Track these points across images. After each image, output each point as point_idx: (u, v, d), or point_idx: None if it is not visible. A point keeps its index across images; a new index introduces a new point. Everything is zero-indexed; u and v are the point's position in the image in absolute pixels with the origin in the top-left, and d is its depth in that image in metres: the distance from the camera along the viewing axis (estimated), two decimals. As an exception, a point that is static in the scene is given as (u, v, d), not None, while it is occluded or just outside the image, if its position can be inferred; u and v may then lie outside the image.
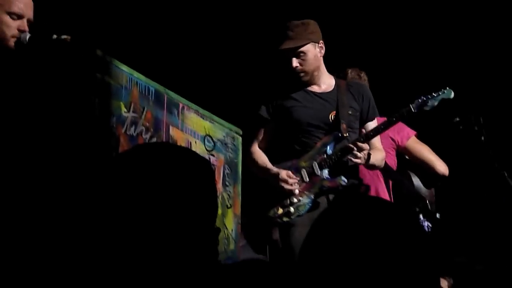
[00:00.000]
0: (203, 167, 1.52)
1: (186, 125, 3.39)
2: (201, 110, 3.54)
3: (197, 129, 3.48)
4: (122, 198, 1.42)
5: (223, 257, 3.49)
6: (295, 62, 3.66)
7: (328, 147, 3.66)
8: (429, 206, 4.18)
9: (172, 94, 3.29)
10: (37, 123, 2.58)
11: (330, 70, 3.89)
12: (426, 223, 4.08)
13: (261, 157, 3.77)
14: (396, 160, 4.35)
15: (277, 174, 3.61)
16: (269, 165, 3.71)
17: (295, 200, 3.59)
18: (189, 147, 3.31)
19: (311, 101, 3.74)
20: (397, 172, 4.30)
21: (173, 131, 3.26)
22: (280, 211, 3.59)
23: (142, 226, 1.39)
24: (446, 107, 4.49)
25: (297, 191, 3.59)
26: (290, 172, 3.62)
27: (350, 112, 3.71)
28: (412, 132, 4.35)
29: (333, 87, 3.81)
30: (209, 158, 3.49)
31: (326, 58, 3.83)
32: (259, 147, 3.83)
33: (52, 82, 2.67)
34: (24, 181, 2.42)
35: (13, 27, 2.73)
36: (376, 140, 3.77)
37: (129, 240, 1.39)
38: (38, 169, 2.47)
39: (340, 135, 3.64)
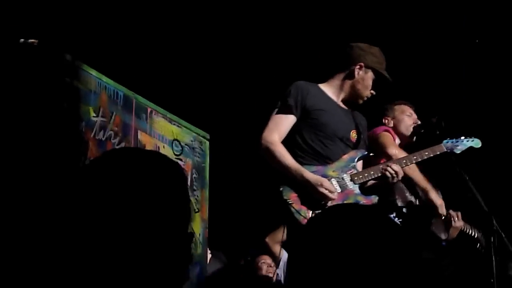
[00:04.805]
0: (175, 171, 1.53)
1: (154, 130, 3.39)
2: (169, 115, 3.55)
3: (165, 134, 3.49)
4: (94, 205, 1.42)
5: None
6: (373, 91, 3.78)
7: (356, 163, 3.66)
8: (398, 202, 4.23)
9: (141, 99, 3.30)
10: (5, 128, 2.56)
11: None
12: (396, 220, 4.12)
13: (288, 153, 3.54)
14: None
15: (319, 180, 3.46)
16: (300, 166, 3.51)
17: None
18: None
19: (338, 112, 3.72)
20: None
21: (141, 136, 3.27)
22: (313, 216, 3.44)
23: (114, 232, 1.39)
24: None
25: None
26: (328, 181, 3.52)
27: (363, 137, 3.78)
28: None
29: (347, 108, 3.81)
30: (177, 163, 3.49)
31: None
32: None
33: (20, 87, 2.65)
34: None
35: None
36: None
37: (101, 248, 1.39)
38: (6, 174, 2.45)
39: (366, 154, 3.70)
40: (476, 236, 4.47)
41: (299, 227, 3.36)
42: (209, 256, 4.67)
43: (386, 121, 4.47)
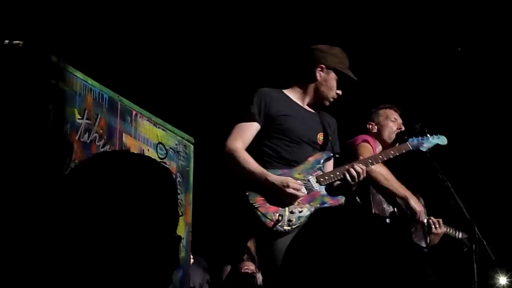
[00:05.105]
0: (164, 174, 1.52)
1: (139, 133, 3.38)
2: (154, 118, 3.54)
3: (149, 137, 3.48)
4: (81, 207, 1.41)
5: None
6: (340, 91, 3.74)
7: (322, 165, 3.65)
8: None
9: (126, 102, 3.29)
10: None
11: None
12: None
13: (252, 159, 3.52)
14: None
15: (284, 181, 3.43)
16: (265, 170, 3.48)
17: (297, 210, 3.46)
18: (142, 155, 3.30)
19: (304, 116, 3.71)
20: None
21: (126, 139, 3.26)
22: (279, 218, 3.42)
23: (101, 235, 1.39)
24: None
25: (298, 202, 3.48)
26: (294, 180, 3.49)
27: (332, 138, 3.76)
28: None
29: (314, 111, 3.80)
30: (161, 166, 3.47)
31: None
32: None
33: (5, 88, 2.63)
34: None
35: None
36: None
37: (88, 249, 1.39)
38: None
39: (332, 155, 3.68)
40: (461, 238, 4.48)
41: (266, 230, 3.36)
42: (191, 261, 4.66)
43: (370, 126, 4.47)
